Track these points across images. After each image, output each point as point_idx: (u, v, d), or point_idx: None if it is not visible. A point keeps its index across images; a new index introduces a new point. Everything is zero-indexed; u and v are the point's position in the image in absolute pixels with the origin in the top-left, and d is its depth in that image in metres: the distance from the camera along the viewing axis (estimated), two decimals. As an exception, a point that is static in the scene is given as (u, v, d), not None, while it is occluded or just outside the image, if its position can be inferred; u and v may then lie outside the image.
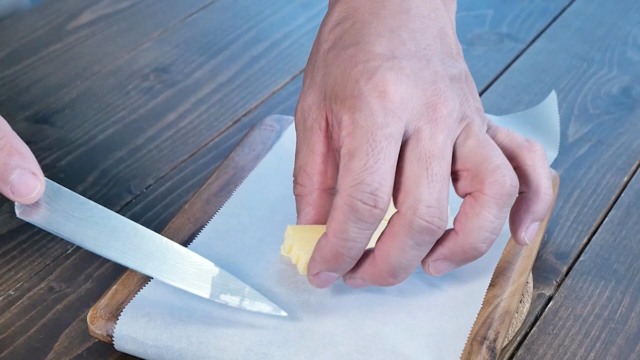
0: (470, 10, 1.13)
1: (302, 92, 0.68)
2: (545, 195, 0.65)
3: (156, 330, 0.64)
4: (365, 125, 0.61)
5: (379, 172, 0.60)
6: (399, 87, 0.62)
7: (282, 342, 0.63)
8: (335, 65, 0.65)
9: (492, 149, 0.63)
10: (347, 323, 0.65)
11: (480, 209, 0.62)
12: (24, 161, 0.62)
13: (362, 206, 0.60)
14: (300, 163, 0.67)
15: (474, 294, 0.68)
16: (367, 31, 0.65)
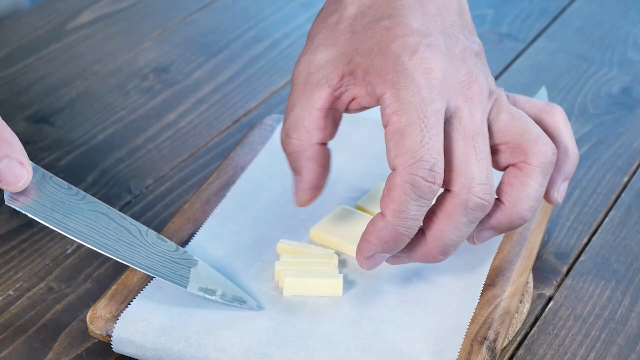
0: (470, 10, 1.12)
1: (310, 46, 0.67)
2: (574, 155, 0.68)
3: (154, 333, 0.64)
4: (414, 102, 0.61)
5: (434, 148, 0.61)
6: (441, 65, 0.63)
7: (282, 342, 0.63)
8: (368, 34, 0.64)
9: (527, 120, 0.65)
10: (345, 322, 0.65)
11: (527, 178, 0.64)
12: (12, 151, 0.63)
13: (423, 183, 0.60)
14: (296, 117, 0.66)
15: (471, 289, 0.68)
16: (399, 3, 0.65)
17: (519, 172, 0.64)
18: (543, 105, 0.68)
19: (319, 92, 0.65)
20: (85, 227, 0.66)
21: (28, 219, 0.78)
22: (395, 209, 0.61)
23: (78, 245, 0.76)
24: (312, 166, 0.66)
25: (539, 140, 0.64)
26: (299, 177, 0.67)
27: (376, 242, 0.63)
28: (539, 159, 0.64)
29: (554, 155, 0.65)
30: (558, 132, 0.67)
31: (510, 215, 0.65)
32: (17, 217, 0.79)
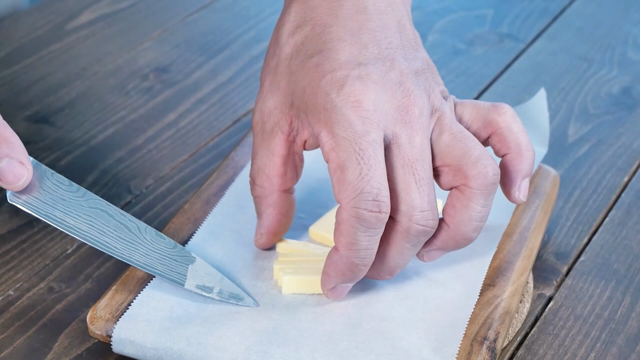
0: (470, 10, 1.13)
1: (261, 94, 0.68)
2: (527, 152, 0.66)
3: (155, 333, 0.64)
4: (348, 137, 0.62)
5: (375, 177, 0.61)
6: (371, 95, 0.63)
7: (282, 341, 0.63)
8: (301, 74, 0.65)
9: (468, 140, 0.64)
10: (345, 321, 0.65)
11: (468, 201, 0.64)
12: (12, 150, 0.64)
13: (368, 214, 0.61)
14: (258, 164, 0.68)
15: (470, 286, 0.68)
16: (328, 36, 0.65)
17: (461, 194, 0.64)
18: (490, 107, 0.67)
19: (275, 139, 0.67)
20: (85, 225, 0.66)
21: (28, 218, 0.78)
22: (346, 242, 0.62)
23: (78, 245, 0.76)
24: (272, 212, 0.69)
25: (479, 162, 0.63)
26: (259, 221, 0.70)
27: (334, 274, 0.64)
28: (478, 182, 0.64)
29: (494, 175, 0.64)
30: (507, 131, 0.66)
31: (454, 236, 0.65)
32: (18, 217, 0.79)
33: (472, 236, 0.65)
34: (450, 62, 1.03)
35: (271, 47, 0.69)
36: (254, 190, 0.69)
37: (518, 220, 0.74)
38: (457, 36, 1.07)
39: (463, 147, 0.64)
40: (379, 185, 0.61)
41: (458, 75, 1.00)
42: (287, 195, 0.69)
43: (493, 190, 0.64)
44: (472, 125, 0.67)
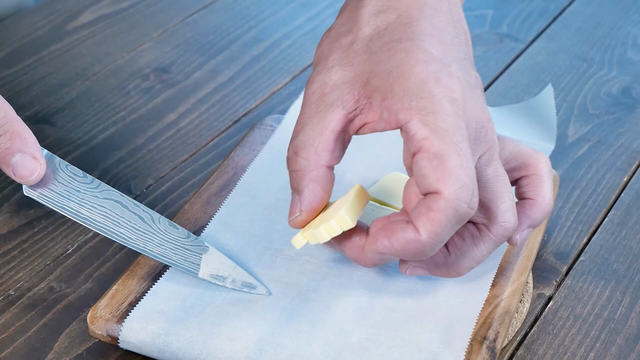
0: (470, 10, 1.13)
1: (325, 67, 0.65)
2: (548, 207, 0.68)
3: (168, 322, 0.64)
4: (446, 128, 0.60)
5: (471, 172, 0.60)
6: (463, 95, 0.62)
7: (294, 333, 0.64)
8: (387, 55, 0.63)
9: (506, 187, 0.65)
10: (356, 311, 0.66)
11: (481, 242, 0.65)
12: (26, 145, 0.65)
13: (466, 210, 0.60)
14: (306, 136, 0.64)
15: (480, 280, 0.68)
16: (417, 28, 0.64)
17: (477, 232, 0.65)
18: (531, 152, 0.68)
19: (333, 113, 0.64)
20: (100, 216, 0.67)
21: (29, 218, 0.79)
22: (433, 231, 0.61)
23: (79, 245, 0.77)
24: (316, 188, 0.65)
25: (508, 212, 0.64)
26: (298, 197, 0.65)
27: (398, 249, 0.62)
28: (500, 231, 0.65)
29: (513, 231, 0.65)
30: (541, 181, 0.68)
31: (449, 268, 0.66)
32: (18, 217, 0.79)
33: (462, 273, 0.66)
34: (450, 62, 1.03)
35: (344, 24, 0.67)
36: (297, 163, 0.64)
37: (518, 220, 0.74)
38: (457, 36, 1.07)
39: (500, 191, 0.65)
40: (474, 181, 0.61)
41: (458, 75, 1.00)
42: (330, 172, 0.65)
43: (504, 241, 0.66)
44: (509, 162, 0.68)
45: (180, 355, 0.64)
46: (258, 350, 0.63)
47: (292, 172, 0.65)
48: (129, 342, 0.65)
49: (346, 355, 0.63)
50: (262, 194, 0.75)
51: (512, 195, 0.65)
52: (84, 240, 0.77)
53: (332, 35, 0.67)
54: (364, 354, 0.63)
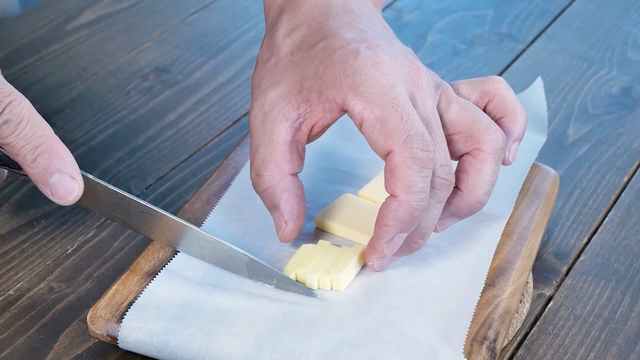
0: (470, 10, 1.13)
1: (258, 93, 0.68)
2: (521, 116, 0.70)
3: (166, 320, 0.64)
4: (377, 91, 0.64)
5: (416, 120, 0.63)
6: (385, 57, 0.65)
7: (292, 329, 0.64)
8: (309, 60, 0.67)
9: (476, 110, 0.68)
10: (354, 308, 0.66)
11: (482, 164, 0.67)
12: (64, 165, 0.64)
13: (421, 153, 0.63)
14: (262, 156, 0.67)
15: (476, 274, 0.68)
16: (327, 28, 0.68)
17: (474, 159, 0.67)
18: (483, 79, 0.71)
19: (279, 127, 0.67)
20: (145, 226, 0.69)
21: (29, 219, 0.79)
22: (404, 186, 0.64)
23: (78, 245, 0.77)
24: (289, 196, 0.68)
25: (490, 128, 0.67)
26: (277, 213, 0.68)
27: (394, 222, 0.65)
28: (491, 146, 0.67)
29: (504, 141, 0.68)
30: (503, 98, 0.70)
31: (468, 200, 0.68)
32: (18, 217, 0.79)
33: (484, 200, 0.68)
34: (450, 62, 1.03)
35: (265, 52, 0.71)
36: (263, 182, 0.68)
37: (518, 220, 0.74)
38: (457, 36, 1.07)
39: (473, 115, 0.67)
40: (420, 126, 0.63)
41: (458, 75, 1.00)
42: (297, 179, 0.68)
43: (502, 155, 0.68)
44: (470, 98, 0.70)
45: (179, 354, 0.64)
46: (256, 347, 0.63)
47: (263, 193, 0.68)
48: (127, 342, 0.65)
49: (345, 350, 0.63)
50: (255, 195, 0.75)
51: (487, 116, 0.68)
52: (84, 240, 0.77)
53: (259, 66, 0.71)
54: (363, 349, 0.63)
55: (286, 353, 0.63)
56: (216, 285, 0.67)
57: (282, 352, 0.63)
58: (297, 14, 0.70)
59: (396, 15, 1.11)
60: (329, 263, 0.68)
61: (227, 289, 0.67)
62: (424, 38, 1.07)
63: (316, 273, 0.67)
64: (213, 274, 0.68)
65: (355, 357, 0.62)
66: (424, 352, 0.63)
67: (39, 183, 0.64)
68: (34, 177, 0.64)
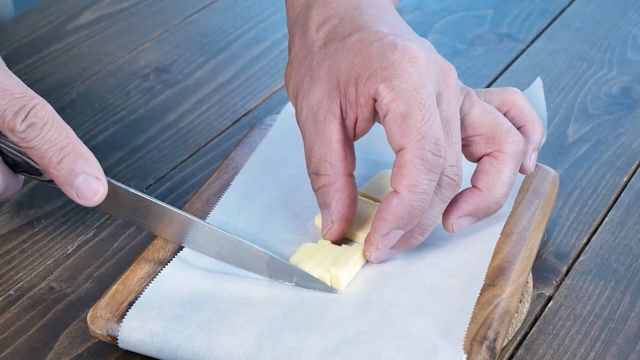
0: (470, 10, 1.13)
1: (302, 93, 0.69)
2: (539, 126, 0.73)
3: (166, 319, 0.64)
4: (408, 87, 0.65)
5: (436, 124, 0.65)
6: (422, 53, 0.66)
7: (292, 327, 0.64)
8: (344, 52, 0.68)
9: (498, 114, 0.70)
10: (354, 306, 0.66)
11: (502, 165, 0.69)
12: (89, 166, 0.65)
13: (431, 157, 0.64)
14: (318, 156, 0.68)
15: (475, 272, 0.68)
16: (360, 20, 0.69)
17: (494, 160, 0.69)
18: (501, 90, 0.73)
19: (329, 126, 0.68)
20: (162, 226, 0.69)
21: (29, 218, 0.79)
22: (408, 184, 0.64)
23: (79, 245, 0.77)
24: (342, 197, 0.68)
25: (512, 131, 0.69)
26: (327, 211, 0.69)
27: (392, 218, 0.66)
28: (512, 148, 0.69)
29: (524, 145, 0.70)
30: (521, 108, 0.72)
31: (487, 200, 0.69)
32: (18, 217, 0.79)
33: (502, 201, 0.69)
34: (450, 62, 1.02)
35: (300, 50, 0.71)
36: (319, 181, 0.69)
37: (518, 220, 0.74)
38: (457, 36, 1.07)
39: (495, 118, 0.69)
40: (438, 131, 0.64)
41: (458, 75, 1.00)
42: (352, 179, 0.69)
43: (521, 159, 0.70)
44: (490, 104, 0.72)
45: (180, 353, 0.64)
46: (257, 345, 0.63)
47: (318, 191, 0.69)
48: (128, 342, 0.65)
49: (345, 348, 0.63)
50: (255, 194, 0.75)
51: (508, 121, 0.70)
52: (84, 240, 0.77)
53: (295, 65, 0.71)
54: (363, 347, 0.63)
55: (286, 351, 0.63)
56: (216, 285, 0.67)
57: (282, 351, 0.63)
58: (326, 8, 0.71)
59: (396, 15, 1.11)
60: (329, 262, 0.68)
61: (227, 289, 0.67)
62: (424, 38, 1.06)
63: (316, 272, 0.68)
64: (213, 274, 0.68)
65: (356, 354, 0.63)
66: (424, 348, 0.63)
67: (64, 185, 0.65)
68: (59, 179, 0.65)
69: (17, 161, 0.66)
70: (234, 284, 0.68)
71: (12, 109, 0.64)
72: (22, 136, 0.64)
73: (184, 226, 0.69)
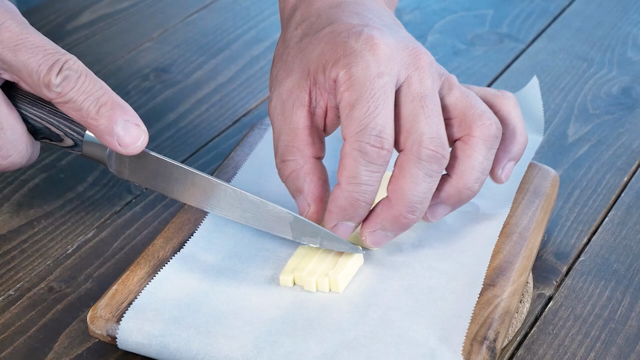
0: (470, 10, 1.13)
1: (276, 84, 0.70)
2: (521, 137, 0.71)
3: (164, 322, 0.64)
4: (363, 77, 0.65)
5: (381, 115, 0.64)
6: (387, 40, 0.66)
7: (291, 331, 0.64)
8: (315, 43, 0.68)
9: (475, 98, 0.69)
10: (352, 310, 0.66)
11: (472, 150, 0.68)
12: (126, 114, 0.65)
13: (370, 148, 0.64)
14: (284, 142, 0.68)
15: (474, 275, 0.68)
16: (334, 16, 0.70)
17: (464, 144, 0.68)
18: (495, 92, 0.72)
19: (297, 113, 0.68)
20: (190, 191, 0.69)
21: (29, 218, 0.79)
22: (347, 176, 0.65)
23: (79, 245, 0.77)
24: (313, 178, 0.68)
25: (483, 115, 0.68)
26: (301, 196, 0.68)
27: (336, 210, 0.66)
28: (482, 132, 0.67)
29: (498, 130, 0.68)
30: (508, 114, 0.71)
31: (457, 186, 0.68)
32: (18, 217, 0.79)
33: (473, 187, 0.68)
34: (450, 62, 1.03)
35: (279, 47, 0.72)
36: (287, 167, 0.68)
37: (518, 220, 0.74)
38: (457, 36, 1.07)
39: (470, 101, 0.68)
40: (383, 123, 0.64)
41: (458, 75, 1.00)
42: (320, 163, 0.69)
43: (495, 143, 0.68)
44: None
45: (178, 356, 0.64)
46: (255, 349, 0.63)
47: (287, 178, 0.69)
48: (126, 344, 0.65)
49: (344, 352, 0.63)
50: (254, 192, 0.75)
51: (485, 105, 0.69)
52: (84, 240, 0.77)
53: (275, 60, 0.72)
54: (362, 351, 0.63)
55: (285, 355, 0.63)
56: (214, 287, 0.67)
57: (281, 354, 0.63)
58: (309, 9, 0.72)
59: (396, 15, 1.10)
60: (327, 264, 0.68)
61: (224, 291, 0.67)
62: (424, 38, 1.07)
63: (314, 275, 0.67)
64: (211, 276, 0.68)
65: (354, 359, 0.62)
66: (422, 353, 0.63)
67: (104, 134, 0.65)
68: (99, 128, 0.65)
69: (38, 127, 0.67)
70: (232, 286, 0.68)
71: (47, 64, 0.64)
72: (57, 90, 0.64)
73: (207, 190, 0.69)
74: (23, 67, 0.64)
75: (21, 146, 0.67)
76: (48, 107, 0.67)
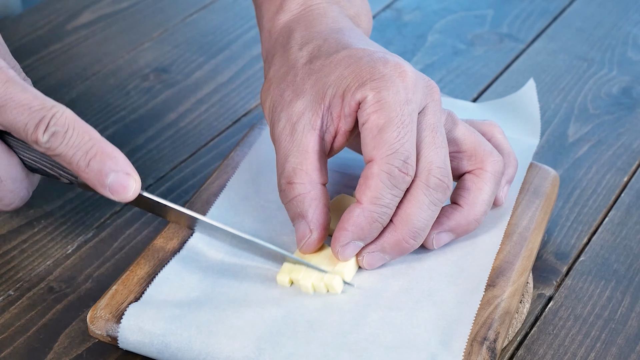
0: (470, 10, 1.13)
1: (284, 105, 0.70)
2: (515, 161, 0.75)
3: (165, 320, 0.64)
4: (393, 101, 0.67)
5: (409, 142, 0.66)
6: (411, 68, 0.68)
7: (292, 333, 0.64)
8: (331, 67, 0.69)
9: (480, 136, 0.72)
10: (353, 310, 0.66)
11: (483, 183, 0.71)
12: (117, 164, 0.65)
13: (398, 173, 0.66)
14: (293, 165, 0.68)
15: (475, 279, 0.68)
16: (344, 41, 0.71)
17: (476, 177, 0.71)
18: (481, 122, 0.75)
19: (307, 136, 0.69)
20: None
21: (29, 219, 0.79)
22: (371, 196, 0.66)
23: (78, 245, 0.77)
24: (319, 205, 0.69)
25: (494, 152, 0.71)
26: (303, 221, 0.68)
27: (353, 228, 0.67)
28: (494, 167, 0.71)
29: (503, 167, 0.72)
30: (500, 142, 0.74)
31: (467, 217, 0.70)
32: (18, 217, 0.79)
33: (481, 218, 0.71)
34: (450, 62, 1.03)
35: (280, 68, 0.72)
36: (294, 190, 0.68)
37: (518, 221, 0.74)
38: (457, 36, 1.07)
39: (478, 138, 0.71)
40: (410, 150, 0.66)
41: (458, 75, 1.00)
42: (325, 190, 0.69)
43: (500, 179, 0.72)
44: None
45: (180, 356, 0.64)
46: (257, 350, 0.63)
47: (292, 200, 0.69)
48: (128, 343, 0.65)
49: (345, 355, 0.63)
50: (250, 196, 0.75)
51: (489, 143, 0.72)
52: (83, 240, 0.77)
53: (275, 82, 0.72)
54: (363, 354, 0.63)
55: (286, 356, 0.63)
56: (214, 287, 0.67)
57: (283, 356, 0.63)
58: (310, 31, 0.73)
59: (396, 15, 1.11)
60: (324, 265, 0.68)
61: (224, 292, 0.67)
62: (424, 38, 1.07)
63: (310, 279, 0.67)
64: (211, 275, 0.68)
65: None
66: (424, 358, 0.63)
67: (96, 186, 0.65)
68: (90, 181, 0.65)
69: (35, 168, 0.67)
70: (232, 286, 0.68)
71: (33, 122, 0.64)
72: (46, 146, 0.64)
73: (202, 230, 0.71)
74: (11, 127, 0.64)
75: (23, 193, 0.67)
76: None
